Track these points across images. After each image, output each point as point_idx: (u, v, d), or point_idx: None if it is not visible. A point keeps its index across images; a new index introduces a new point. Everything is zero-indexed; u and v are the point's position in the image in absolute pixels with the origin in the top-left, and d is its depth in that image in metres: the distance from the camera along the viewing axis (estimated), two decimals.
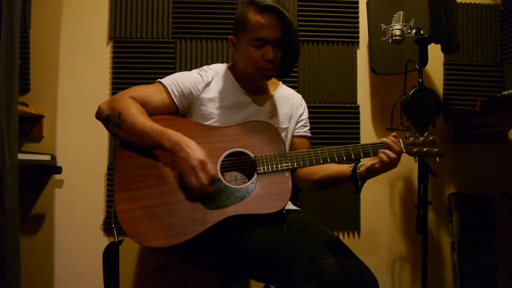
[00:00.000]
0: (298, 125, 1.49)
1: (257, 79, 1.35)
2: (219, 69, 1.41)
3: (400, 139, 1.25)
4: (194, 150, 1.13)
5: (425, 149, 1.25)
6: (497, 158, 2.12)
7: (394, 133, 1.25)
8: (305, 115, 1.53)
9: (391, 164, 1.19)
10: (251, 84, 1.39)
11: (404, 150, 1.24)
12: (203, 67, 1.42)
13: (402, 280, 2.05)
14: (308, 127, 1.53)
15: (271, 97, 1.44)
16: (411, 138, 1.27)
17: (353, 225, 2.03)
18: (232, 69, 1.42)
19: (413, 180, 2.06)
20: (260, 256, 1.12)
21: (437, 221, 2.09)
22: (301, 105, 1.52)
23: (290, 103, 1.48)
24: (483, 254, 2.02)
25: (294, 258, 1.04)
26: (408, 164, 2.01)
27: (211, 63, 1.95)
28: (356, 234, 2.05)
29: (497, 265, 2.02)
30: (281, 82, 1.54)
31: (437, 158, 1.26)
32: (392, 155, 1.18)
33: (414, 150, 1.25)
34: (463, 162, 2.11)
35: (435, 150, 1.26)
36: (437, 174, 1.72)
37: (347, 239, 2.04)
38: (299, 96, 1.55)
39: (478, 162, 2.11)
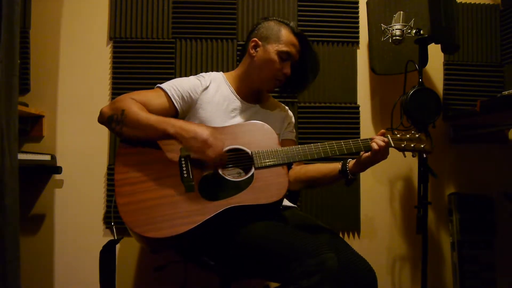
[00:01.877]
0: (286, 131, 1.58)
1: (265, 86, 1.45)
2: (216, 76, 1.48)
3: (388, 135, 1.33)
4: (199, 128, 1.22)
5: (412, 145, 1.33)
6: (497, 158, 2.12)
7: (382, 130, 1.34)
8: (292, 122, 1.63)
9: (379, 153, 1.26)
10: (247, 92, 1.48)
11: (392, 145, 1.31)
12: (201, 73, 1.49)
13: (402, 280, 2.06)
14: (294, 134, 1.63)
15: (263, 106, 1.53)
16: (398, 135, 1.35)
17: (353, 225, 2.03)
18: (229, 77, 1.50)
19: (413, 180, 2.06)
20: (260, 252, 1.14)
21: (437, 221, 2.09)
22: (288, 114, 1.62)
23: (280, 113, 1.58)
24: (483, 254, 2.02)
25: (294, 253, 1.05)
26: (408, 164, 2.01)
27: (211, 63, 1.99)
28: (356, 234, 2.05)
29: (497, 265, 2.02)
30: (270, 95, 1.64)
31: (424, 155, 1.34)
32: (381, 143, 1.26)
33: (402, 145, 1.33)
34: (463, 162, 2.11)
35: (422, 146, 1.34)
36: (437, 174, 1.72)
37: (347, 239, 2.04)
38: (286, 106, 1.67)
39: (478, 162, 2.12)
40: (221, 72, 1.52)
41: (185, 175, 1.21)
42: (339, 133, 2.03)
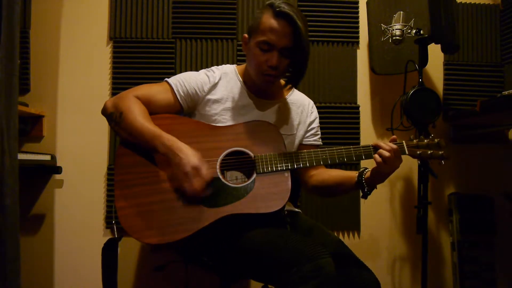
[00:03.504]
0: (308, 134, 1.46)
1: (259, 82, 1.33)
2: (228, 70, 1.40)
3: (403, 141, 1.22)
4: (187, 156, 1.13)
5: (429, 152, 1.22)
6: (497, 158, 2.12)
7: (394, 136, 1.23)
8: (316, 123, 1.49)
9: (387, 166, 1.17)
10: (255, 87, 1.37)
11: (407, 152, 1.22)
12: (212, 67, 1.41)
13: (402, 280, 2.05)
14: (319, 136, 1.49)
15: (279, 103, 1.42)
16: (415, 141, 1.24)
17: (353, 225, 2.03)
18: (241, 71, 1.41)
19: (413, 180, 2.05)
20: (259, 256, 1.13)
21: (437, 221, 2.09)
22: (312, 113, 1.48)
23: (299, 110, 1.45)
24: (483, 254, 2.02)
25: (292, 258, 1.04)
26: (408, 164, 2.01)
27: (211, 63, 1.99)
28: (356, 234, 2.05)
29: (497, 265, 2.02)
30: (291, 87, 1.48)
31: (443, 161, 1.22)
32: (386, 154, 1.16)
33: (418, 152, 1.22)
34: (463, 162, 2.11)
35: (440, 153, 1.21)
36: (437, 175, 1.72)
37: (347, 239, 2.04)
38: (311, 102, 1.51)
39: (478, 162, 2.11)
40: (234, 66, 1.43)
41: (180, 188, 1.18)
42: (339, 133, 2.03)
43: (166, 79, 1.35)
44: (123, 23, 1.97)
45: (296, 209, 1.46)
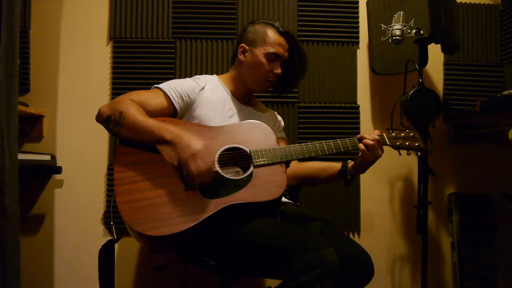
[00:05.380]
0: (278, 130, 1.63)
1: (258, 87, 1.48)
2: (209, 78, 1.51)
3: (384, 133, 1.36)
4: (194, 140, 1.20)
5: (407, 143, 1.36)
6: (497, 158, 2.12)
7: (376, 131, 1.36)
8: (282, 125, 1.68)
9: (370, 153, 1.29)
10: (241, 94, 1.51)
11: (388, 143, 1.35)
12: (195, 76, 1.51)
13: (402, 280, 2.06)
14: (284, 134, 1.68)
15: (255, 108, 1.57)
16: (393, 133, 1.38)
17: (353, 225, 2.03)
18: (223, 79, 1.53)
19: (413, 180, 2.06)
20: (260, 248, 1.15)
21: (437, 221, 2.09)
22: (277, 116, 1.68)
23: (269, 114, 1.63)
24: (483, 254, 2.02)
25: (294, 249, 1.06)
26: (408, 164, 2.02)
27: (211, 63, 2.00)
28: (356, 234, 2.05)
29: (497, 265, 2.03)
30: (258, 99, 1.67)
31: (419, 153, 1.39)
32: (370, 142, 1.29)
33: (397, 143, 1.36)
34: (463, 162, 2.11)
35: (417, 144, 1.37)
36: (437, 174, 1.72)
37: None
38: (273, 111, 1.71)
39: (478, 162, 2.12)
40: (215, 75, 1.55)
41: (186, 173, 1.21)
42: (339, 133, 2.02)
43: (156, 85, 1.40)
44: (123, 23, 1.97)
45: (286, 200, 1.53)
